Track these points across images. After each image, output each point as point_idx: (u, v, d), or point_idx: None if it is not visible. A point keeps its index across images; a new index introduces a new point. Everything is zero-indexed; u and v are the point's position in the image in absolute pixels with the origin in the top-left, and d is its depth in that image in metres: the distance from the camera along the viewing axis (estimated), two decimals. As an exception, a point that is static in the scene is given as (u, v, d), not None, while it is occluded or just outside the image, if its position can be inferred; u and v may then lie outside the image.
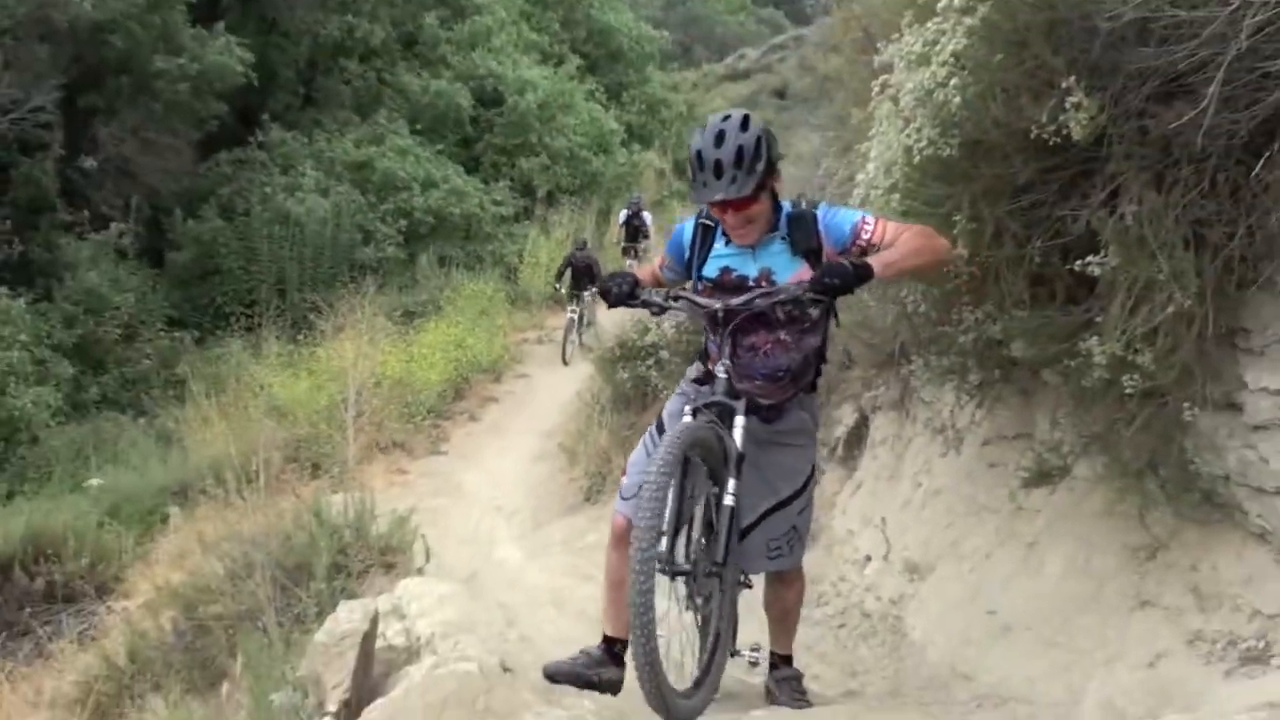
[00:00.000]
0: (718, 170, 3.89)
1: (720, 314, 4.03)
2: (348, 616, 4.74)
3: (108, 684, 7.55)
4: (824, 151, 8.43)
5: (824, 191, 7.32)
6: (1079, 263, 4.01)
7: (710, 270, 4.21)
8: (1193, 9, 3.44)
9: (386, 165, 24.45)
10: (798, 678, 4.70)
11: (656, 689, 3.33)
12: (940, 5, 4.11)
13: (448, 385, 16.88)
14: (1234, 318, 3.90)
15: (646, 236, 19.81)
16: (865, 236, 4.03)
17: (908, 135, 4.42)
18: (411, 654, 4.73)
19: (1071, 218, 4.14)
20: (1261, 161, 3.51)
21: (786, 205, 4.16)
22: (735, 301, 4.01)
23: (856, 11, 6.84)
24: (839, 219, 4.11)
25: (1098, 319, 4.07)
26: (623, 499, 4.28)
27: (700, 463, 3.82)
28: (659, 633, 3.40)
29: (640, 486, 3.61)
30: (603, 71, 33.63)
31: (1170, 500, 4.13)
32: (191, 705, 6.18)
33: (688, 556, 3.86)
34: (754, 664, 4.68)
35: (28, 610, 10.50)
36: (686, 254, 4.29)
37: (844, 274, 3.78)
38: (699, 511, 3.93)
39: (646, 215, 20.36)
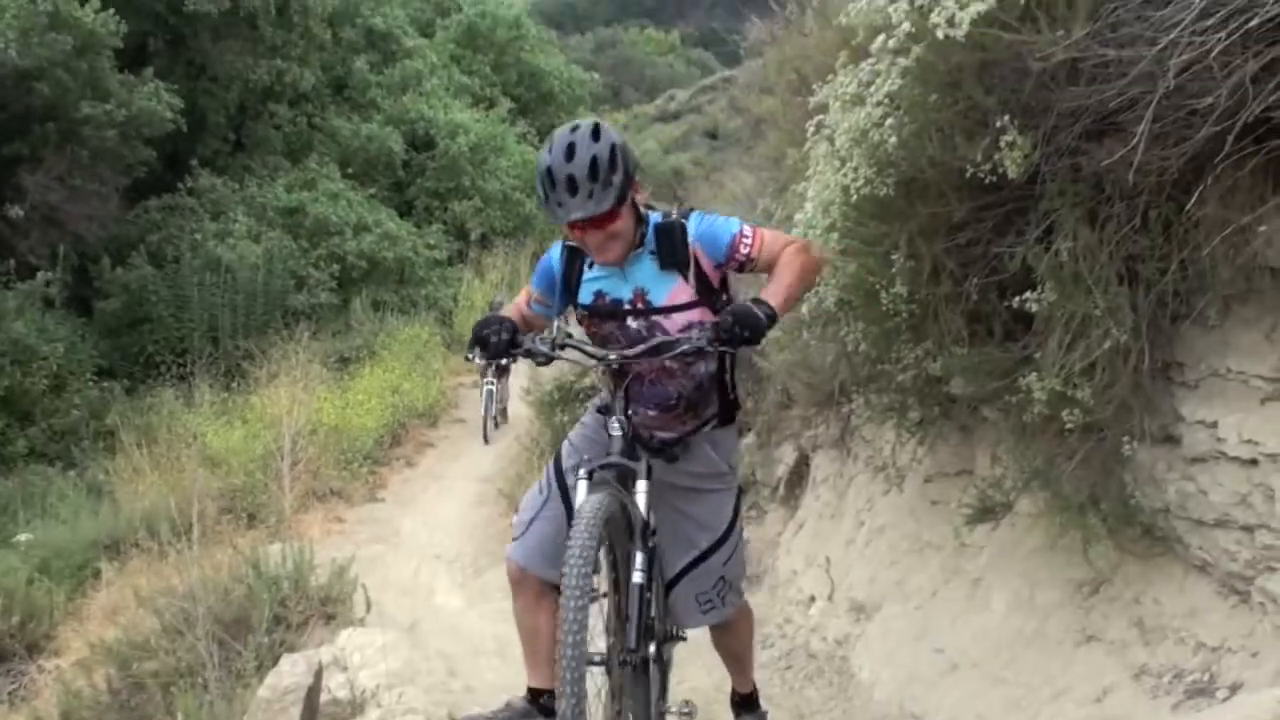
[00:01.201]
0: (571, 187, 3.49)
1: (614, 365, 3.69)
2: (290, 670, 4.66)
3: (41, 745, 7.37)
4: (760, 191, 8.47)
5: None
6: (1016, 299, 4.06)
7: (585, 296, 3.85)
8: (1121, 49, 3.50)
9: (318, 210, 24.30)
10: None
11: None
12: (874, 47, 4.14)
13: (384, 431, 16.75)
14: (1169, 352, 3.96)
15: None
16: (745, 250, 3.71)
17: (844, 175, 4.45)
18: (356, 707, 4.66)
19: (1008, 255, 4.19)
20: (1194, 198, 3.57)
21: (654, 216, 3.78)
22: (631, 353, 3.66)
23: (790, 53, 6.91)
24: (715, 229, 3.75)
25: (1036, 355, 4.11)
26: (514, 540, 4.00)
27: (606, 538, 3.39)
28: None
29: (561, 574, 3.08)
30: (535, 114, 33.80)
31: (1112, 534, 4.16)
32: (128, 765, 6.04)
33: (606, 639, 3.57)
34: (687, 716, 4.39)
35: (-44, 671, 10.23)
36: (559, 283, 3.89)
37: (756, 325, 3.43)
38: (610, 586, 3.62)
39: None
